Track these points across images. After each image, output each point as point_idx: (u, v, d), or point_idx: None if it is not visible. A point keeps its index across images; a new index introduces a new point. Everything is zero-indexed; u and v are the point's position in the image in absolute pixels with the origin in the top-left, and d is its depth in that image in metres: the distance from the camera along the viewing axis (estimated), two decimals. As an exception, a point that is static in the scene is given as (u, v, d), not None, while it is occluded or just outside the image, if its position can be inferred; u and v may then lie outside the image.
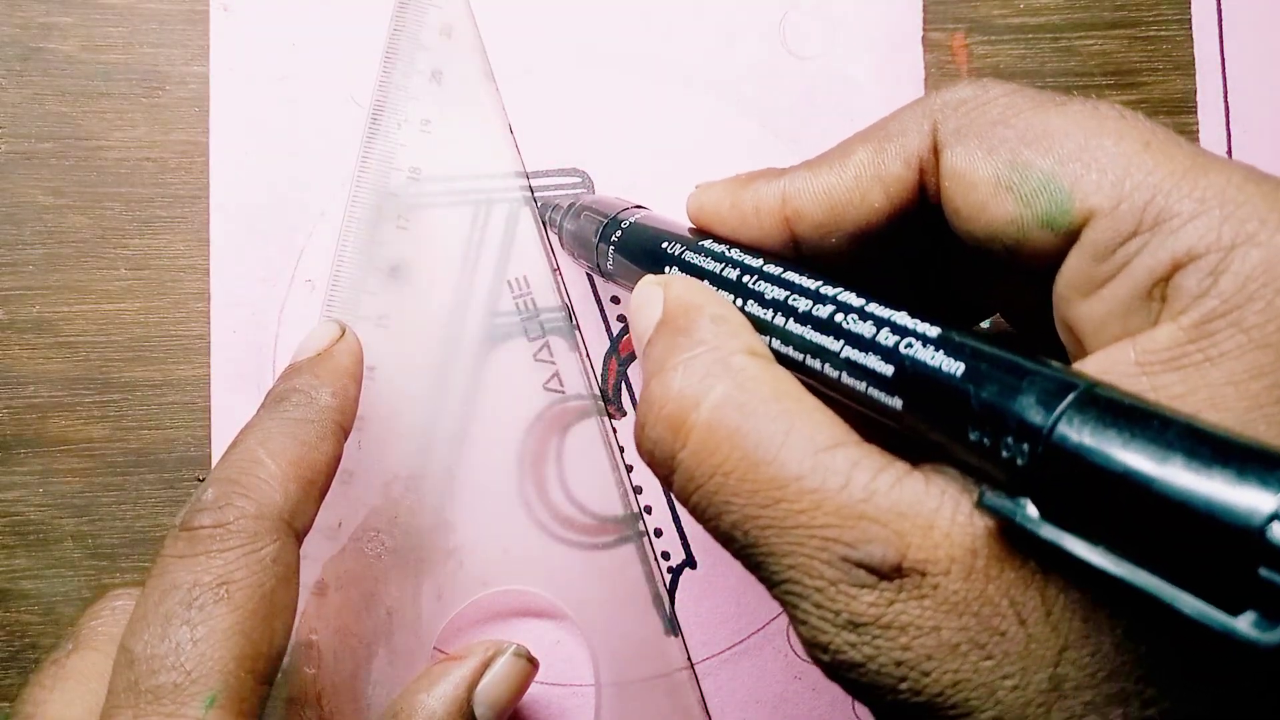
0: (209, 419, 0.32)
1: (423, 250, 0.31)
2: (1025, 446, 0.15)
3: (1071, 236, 0.17)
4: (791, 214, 0.21)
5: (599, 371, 0.32)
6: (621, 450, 0.32)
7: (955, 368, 0.16)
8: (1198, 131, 0.33)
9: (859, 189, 0.20)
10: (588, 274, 0.32)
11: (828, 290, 0.19)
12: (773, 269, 0.21)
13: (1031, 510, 0.15)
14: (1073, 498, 0.14)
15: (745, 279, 0.21)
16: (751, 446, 0.17)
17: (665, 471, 0.19)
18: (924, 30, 0.33)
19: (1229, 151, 0.33)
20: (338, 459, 0.26)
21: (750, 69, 0.33)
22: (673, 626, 0.31)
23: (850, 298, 0.19)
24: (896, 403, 0.17)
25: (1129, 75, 0.33)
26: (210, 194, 0.32)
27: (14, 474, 0.31)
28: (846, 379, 0.18)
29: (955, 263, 0.22)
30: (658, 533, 0.32)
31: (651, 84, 0.33)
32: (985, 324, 0.26)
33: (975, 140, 0.19)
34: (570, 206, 0.29)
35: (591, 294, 0.32)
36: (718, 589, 0.32)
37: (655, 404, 0.19)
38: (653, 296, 0.21)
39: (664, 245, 0.24)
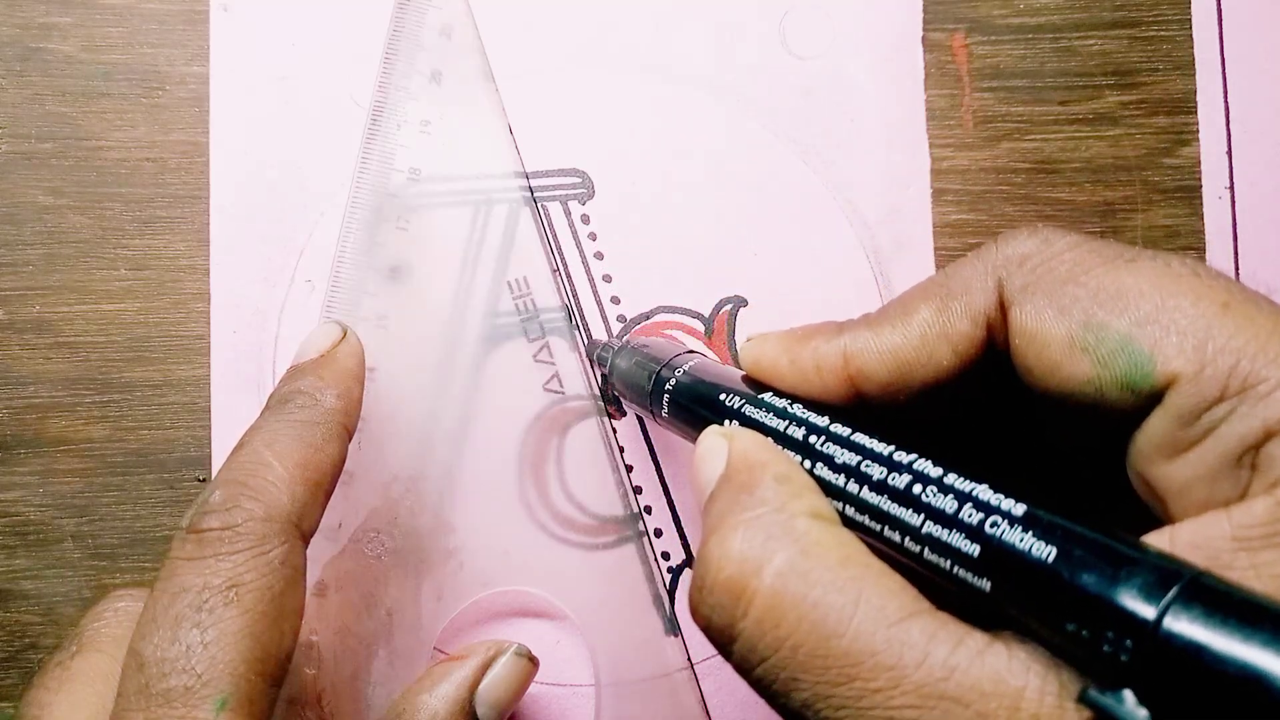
0: (209, 419, 0.32)
1: (422, 251, 0.31)
2: (1129, 642, 0.14)
3: (1152, 398, 0.17)
4: (855, 373, 0.20)
5: (599, 372, 0.32)
6: (621, 450, 0.32)
7: (1047, 552, 0.16)
8: (1198, 131, 0.33)
9: (925, 348, 0.20)
10: (588, 276, 0.32)
11: (902, 457, 0.19)
12: (841, 430, 0.20)
13: (1134, 706, 0.14)
14: (1182, 695, 0.14)
15: (812, 439, 0.20)
16: (820, 618, 0.16)
17: (725, 640, 0.18)
18: (924, 30, 0.33)
19: (1229, 151, 0.33)
20: (343, 461, 0.26)
21: (750, 69, 0.33)
22: (673, 626, 0.31)
23: (927, 466, 0.18)
24: (985, 584, 0.16)
25: (1129, 75, 0.33)
26: (210, 194, 0.32)
27: (14, 474, 0.31)
28: (929, 555, 0.17)
29: (1026, 403, 0.21)
30: (658, 533, 0.32)
31: (651, 84, 0.33)
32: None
33: (1045, 299, 0.18)
34: (621, 348, 0.29)
35: (592, 294, 0.32)
36: (718, 589, 0.32)
37: (714, 566, 0.18)
38: (716, 449, 0.20)
39: (722, 398, 0.23)
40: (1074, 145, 0.33)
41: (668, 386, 0.26)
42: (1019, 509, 0.16)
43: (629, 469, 0.32)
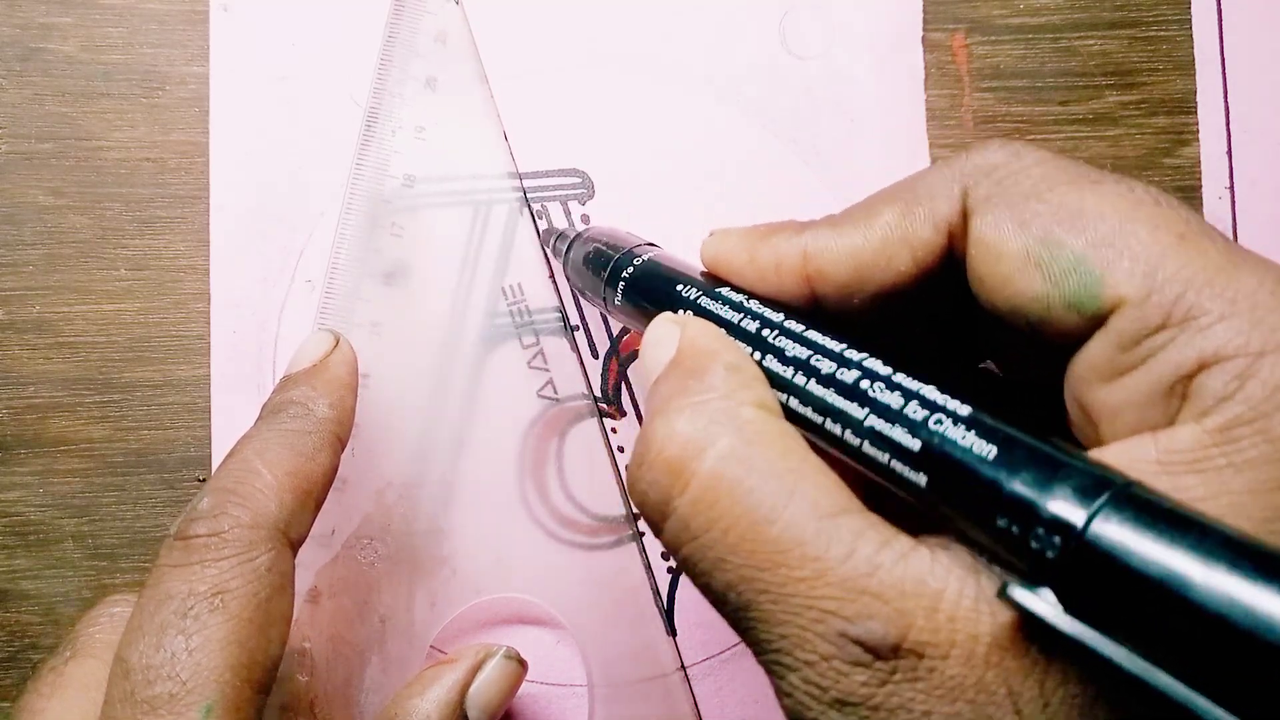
0: (209, 419, 0.32)
1: (417, 257, 0.31)
2: (1057, 539, 0.14)
3: (1095, 320, 0.17)
4: (814, 273, 0.20)
5: (600, 372, 0.32)
6: (620, 450, 0.32)
7: (987, 450, 0.16)
8: (1198, 131, 0.33)
9: (885, 251, 0.20)
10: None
11: (853, 354, 0.19)
12: (794, 325, 0.20)
13: (1053, 603, 0.14)
14: (1101, 595, 0.14)
15: (765, 332, 0.20)
16: (755, 504, 0.17)
17: (657, 517, 0.18)
18: (924, 30, 0.33)
19: (1229, 151, 0.33)
20: (334, 470, 0.26)
21: (750, 69, 0.33)
22: (669, 628, 0.31)
23: (877, 365, 0.18)
24: (920, 479, 0.17)
25: (1129, 75, 0.33)
26: (210, 194, 0.32)
27: (14, 474, 0.32)
28: (869, 448, 0.18)
29: (972, 323, 0.22)
30: (657, 533, 0.32)
31: (651, 84, 0.33)
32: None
33: (1006, 210, 0.18)
34: (577, 236, 0.29)
35: (591, 294, 0.32)
36: (717, 589, 0.32)
37: (656, 444, 0.18)
38: (668, 335, 0.20)
39: (679, 288, 0.23)
40: (1074, 145, 0.33)
41: (624, 274, 0.25)
42: (964, 409, 0.17)
43: (629, 469, 0.32)
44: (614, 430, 0.32)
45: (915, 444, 0.17)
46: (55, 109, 0.32)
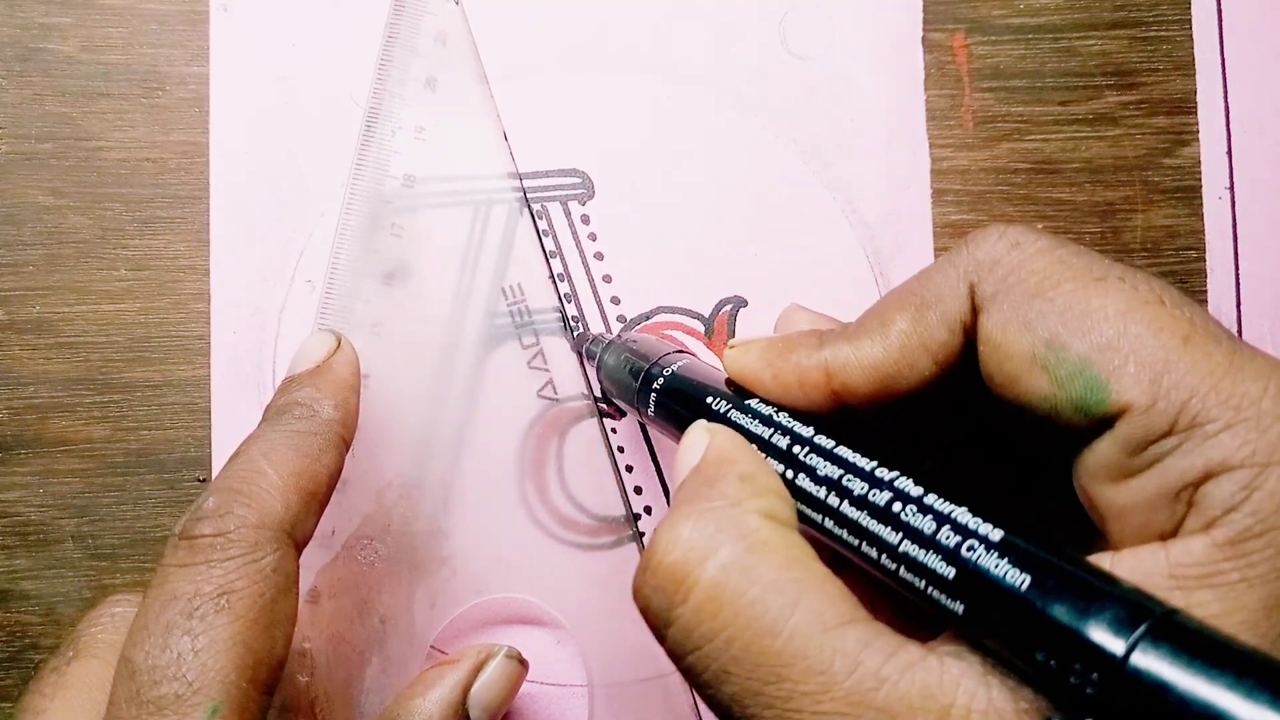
0: (209, 419, 0.32)
1: (417, 257, 0.31)
2: (1096, 675, 0.14)
3: (1104, 422, 0.17)
4: (839, 387, 0.21)
5: (583, 331, 0.32)
6: (620, 450, 0.32)
7: (1021, 580, 0.16)
8: (1198, 131, 0.33)
9: (905, 359, 0.20)
10: (588, 277, 0.32)
11: (884, 474, 0.19)
12: (824, 441, 0.20)
13: None
14: None
15: (796, 449, 0.20)
16: (757, 615, 0.17)
17: (660, 624, 0.18)
18: (924, 30, 0.33)
19: (1229, 151, 0.33)
20: (339, 471, 0.26)
21: (750, 69, 0.33)
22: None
23: (908, 485, 0.18)
24: (957, 607, 0.17)
25: (1129, 75, 0.33)
26: (210, 194, 0.32)
27: (14, 474, 0.32)
28: (905, 574, 0.18)
29: (985, 404, 0.21)
30: (657, 533, 0.32)
31: (651, 84, 0.33)
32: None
33: (1012, 310, 0.18)
34: (609, 343, 0.29)
35: (592, 295, 0.32)
36: (717, 589, 0.32)
37: (660, 550, 0.18)
38: (698, 443, 0.21)
39: (709, 401, 0.23)
40: (1074, 145, 0.33)
41: (655, 385, 0.26)
42: (996, 534, 0.17)
43: (629, 469, 0.32)
44: (614, 430, 0.32)
45: (950, 571, 0.17)
46: (55, 109, 0.32)
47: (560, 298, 0.32)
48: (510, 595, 0.31)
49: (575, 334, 0.32)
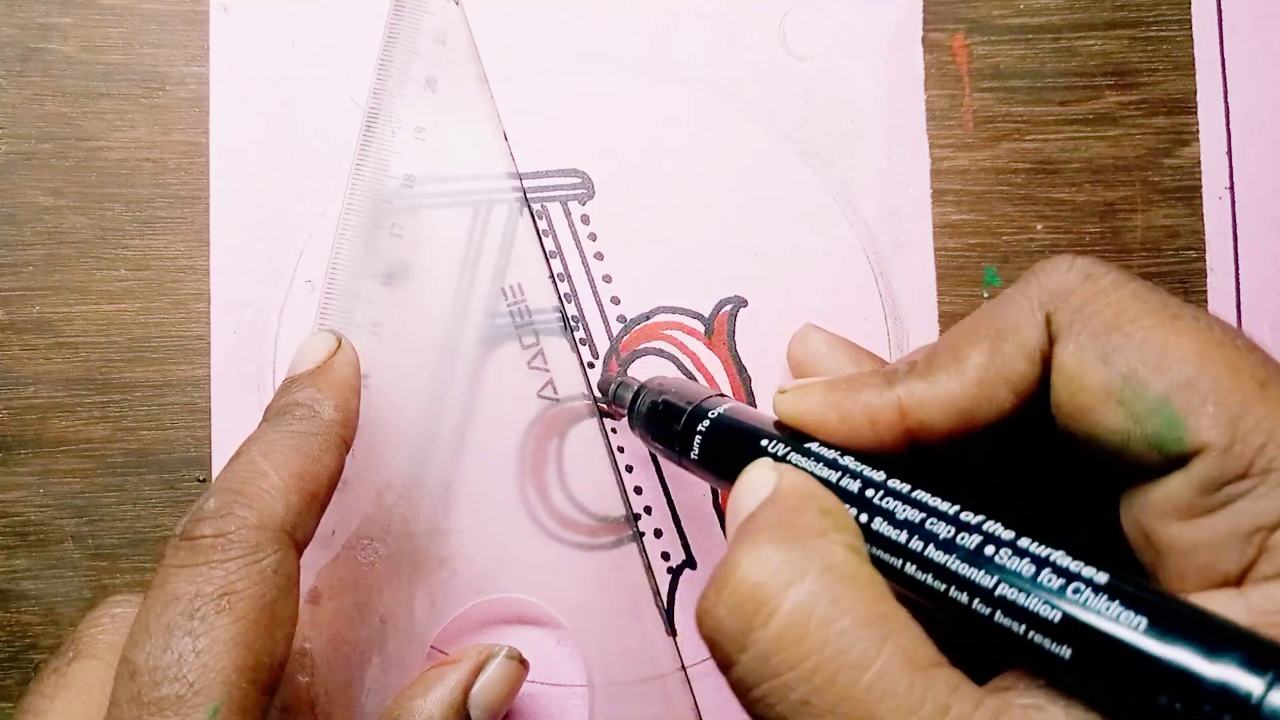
0: (209, 419, 0.32)
1: (417, 257, 0.31)
2: (1229, 717, 0.14)
3: (1176, 460, 0.17)
4: (915, 425, 0.20)
5: (600, 372, 0.32)
6: (620, 450, 0.32)
7: (1137, 622, 0.15)
8: (1198, 131, 0.33)
9: (984, 393, 0.20)
10: (588, 277, 0.32)
11: (969, 517, 0.18)
12: (899, 485, 0.20)
13: None
14: None
15: (869, 493, 0.20)
16: (845, 648, 0.16)
17: (733, 649, 0.17)
18: (924, 30, 0.33)
19: (1229, 151, 0.33)
20: (339, 472, 0.26)
21: (750, 69, 0.33)
22: (669, 628, 0.31)
23: (998, 529, 0.18)
24: (1064, 651, 0.16)
25: (1129, 75, 0.33)
26: (210, 194, 0.32)
27: (14, 474, 0.32)
28: (1001, 618, 0.17)
29: (1044, 435, 0.21)
30: (658, 533, 0.32)
31: (651, 84, 0.33)
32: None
33: (1089, 341, 0.18)
34: (642, 387, 0.29)
35: (592, 295, 0.32)
36: (717, 589, 0.32)
37: (740, 570, 0.17)
38: (765, 479, 0.20)
39: (765, 444, 0.22)
40: (1074, 145, 0.33)
41: (700, 428, 0.25)
42: (1102, 577, 0.16)
43: (629, 469, 0.32)
44: (614, 430, 0.32)
45: (1055, 615, 0.16)
46: (55, 109, 0.32)
47: (560, 298, 0.32)
48: (510, 595, 0.31)
49: (598, 379, 0.31)
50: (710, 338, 0.32)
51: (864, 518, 0.20)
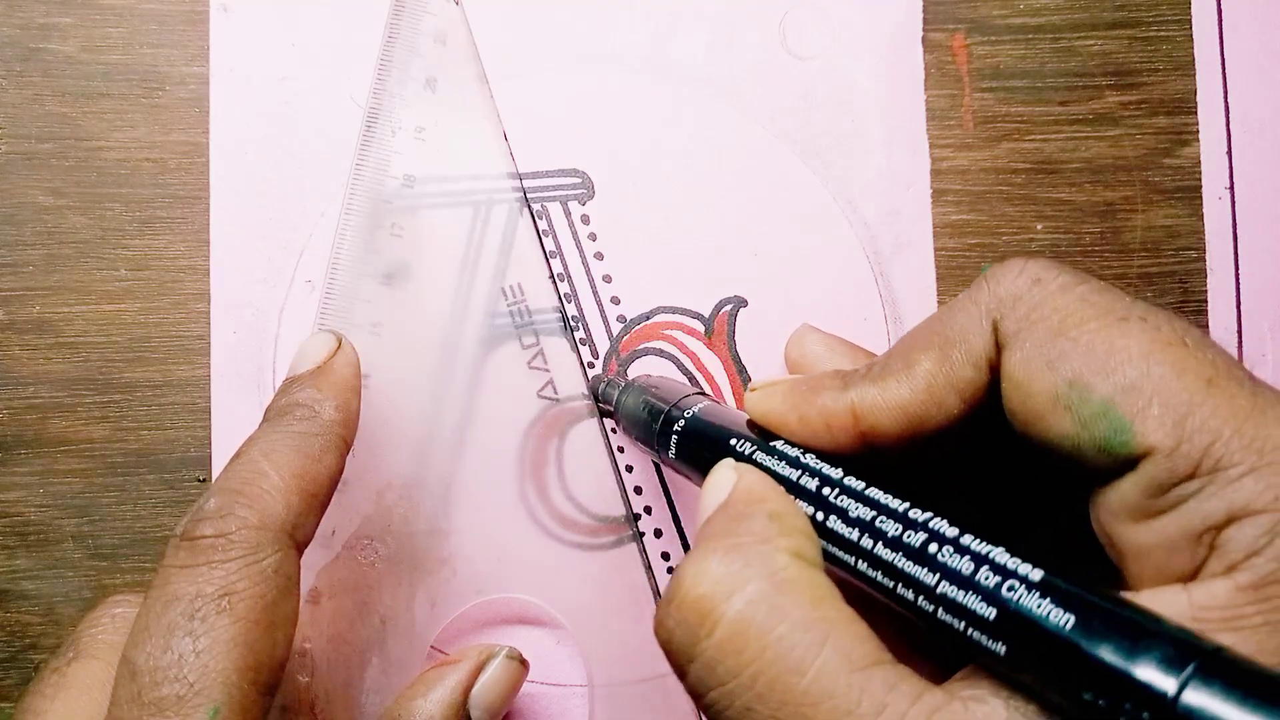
0: (209, 419, 0.32)
1: (417, 257, 0.31)
2: (1147, 714, 0.14)
3: (1126, 463, 0.17)
4: (867, 429, 0.21)
5: (600, 372, 0.32)
6: (620, 450, 0.32)
7: (1065, 619, 0.16)
8: (1198, 131, 0.33)
9: (933, 399, 0.20)
10: (588, 277, 0.32)
11: (917, 514, 0.19)
12: (854, 483, 0.20)
13: None
14: None
15: (825, 491, 0.20)
16: (784, 653, 0.17)
17: (683, 659, 0.18)
18: (924, 30, 0.33)
19: (1229, 151, 0.33)
20: (340, 472, 0.26)
21: (750, 69, 0.33)
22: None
23: (943, 526, 0.18)
24: (999, 648, 0.17)
25: (1129, 75, 0.33)
26: (210, 194, 0.32)
27: (14, 474, 0.32)
28: (943, 615, 0.18)
29: (1006, 438, 0.21)
30: (658, 533, 0.32)
31: (651, 84, 0.33)
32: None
33: (1035, 348, 0.18)
34: (627, 385, 0.30)
35: (592, 295, 0.32)
36: (717, 589, 0.32)
37: (686, 584, 0.18)
38: (724, 481, 0.21)
39: (733, 443, 0.23)
40: (1074, 145, 0.33)
41: (676, 428, 0.26)
42: (1036, 574, 0.17)
43: (629, 469, 0.32)
44: (614, 430, 0.32)
45: (991, 612, 0.17)
46: (55, 109, 0.32)
47: (560, 298, 0.32)
48: (510, 595, 0.31)
49: (591, 376, 0.32)
50: (710, 338, 0.32)
51: (820, 515, 0.20)
